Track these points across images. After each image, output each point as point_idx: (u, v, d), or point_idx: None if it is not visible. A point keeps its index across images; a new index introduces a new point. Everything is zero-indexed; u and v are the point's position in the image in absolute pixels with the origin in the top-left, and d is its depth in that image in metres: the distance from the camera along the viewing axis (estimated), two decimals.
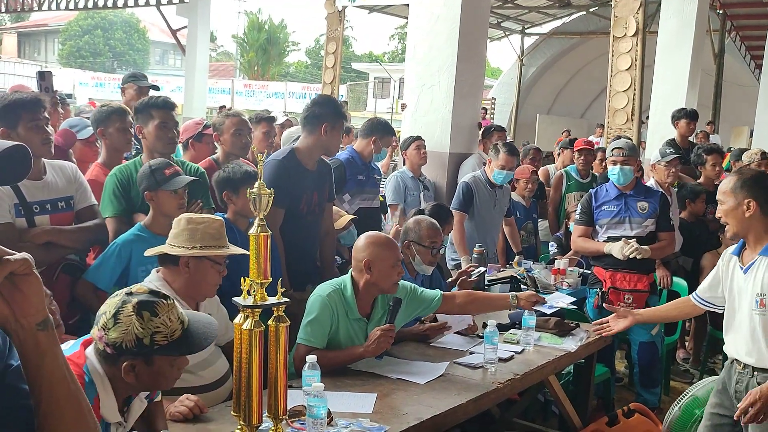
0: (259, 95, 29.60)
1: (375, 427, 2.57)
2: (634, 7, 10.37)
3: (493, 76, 32.66)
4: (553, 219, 6.70)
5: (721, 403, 3.30)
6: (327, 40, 17.02)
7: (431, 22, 6.54)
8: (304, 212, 3.98)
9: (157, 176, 3.38)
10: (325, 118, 4.02)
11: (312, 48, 50.49)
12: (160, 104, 3.78)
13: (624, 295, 4.66)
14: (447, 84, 6.46)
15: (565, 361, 3.74)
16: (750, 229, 3.14)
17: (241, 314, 2.35)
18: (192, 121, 4.93)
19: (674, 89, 10.73)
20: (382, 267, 3.21)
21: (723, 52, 15.70)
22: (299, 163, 4.04)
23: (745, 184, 3.14)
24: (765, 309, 3.04)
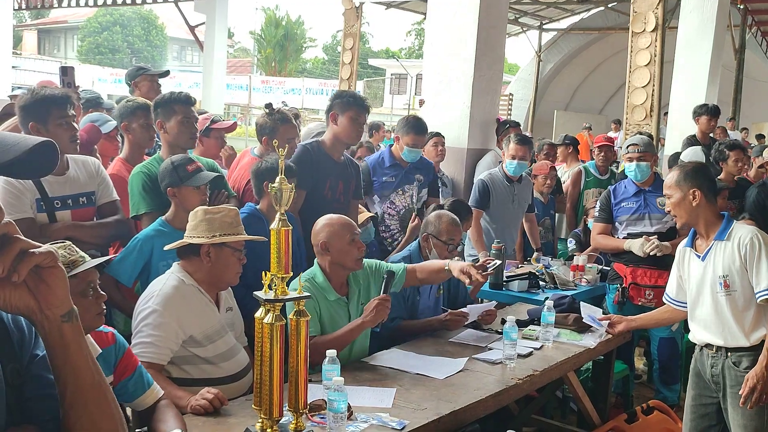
0: (276, 91, 29.63)
1: (395, 422, 2.57)
2: (654, 3, 10.29)
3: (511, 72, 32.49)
4: (571, 215, 6.67)
5: (701, 393, 3.40)
6: (344, 36, 17.02)
7: (449, 17, 6.52)
8: (328, 197, 4.04)
9: (180, 172, 3.41)
10: (332, 108, 4.21)
11: (329, 44, 50.54)
12: (183, 99, 3.80)
13: (645, 291, 4.64)
14: (465, 80, 6.44)
15: (584, 358, 3.73)
16: (699, 217, 3.30)
17: (262, 308, 2.36)
18: (201, 116, 4.93)
19: (694, 85, 10.65)
20: (340, 245, 3.26)
21: (744, 47, 15.54)
22: (325, 153, 4.15)
23: (688, 175, 3.32)
24: (729, 289, 3.18)
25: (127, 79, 5.24)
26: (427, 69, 6.85)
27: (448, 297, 4.13)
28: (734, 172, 5.85)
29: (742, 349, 3.20)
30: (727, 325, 3.22)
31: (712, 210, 3.32)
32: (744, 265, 3.16)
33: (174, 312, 2.81)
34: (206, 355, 2.88)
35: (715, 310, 3.25)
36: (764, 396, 3.08)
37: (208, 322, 2.91)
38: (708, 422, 3.39)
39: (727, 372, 3.24)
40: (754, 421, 3.16)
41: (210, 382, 2.81)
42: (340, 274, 3.36)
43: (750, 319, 3.18)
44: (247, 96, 30.03)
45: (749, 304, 3.17)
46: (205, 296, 2.94)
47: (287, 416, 2.45)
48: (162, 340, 2.77)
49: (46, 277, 1.18)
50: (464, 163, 6.39)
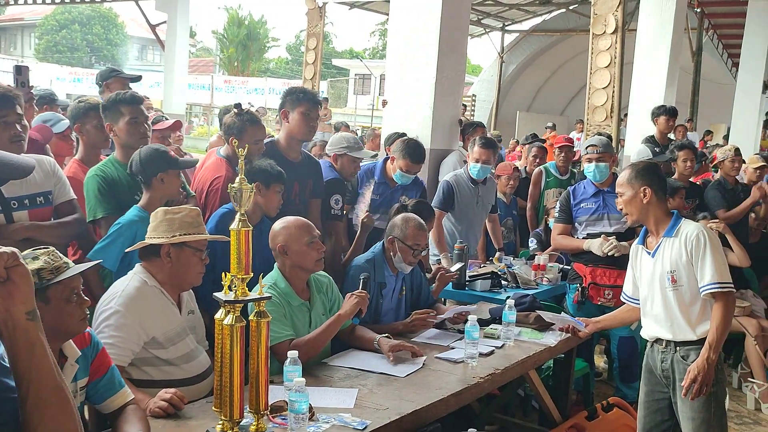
0: (239, 91, 29.42)
1: (357, 422, 2.57)
2: (613, 5, 10.45)
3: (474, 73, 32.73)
4: (532, 215, 6.74)
5: (653, 388, 3.48)
6: (307, 36, 16.99)
7: (412, 18, 6.54)
8: (284, 200, 3.98)
9: (167, 157, 3.46)
10: (284, 105, 4.19)
11: (292, 44, 50.35)
12: (128, 100, 3.75)
13: (604, 290, 4.70)
14: (428, 80, 6.47)
15: (545, 356, 3.76)
16: (649, 214, 3.39)
17: (222, 309, 2.35)
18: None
19: (653, 87, 10.83)
20: (297, 247, 3.25)
21: (701, 50, 15.84)
22: (280, 153, 4.07)
23: (639, 173, 3.41)
24: (677, 284, 3.27)
25: (99, 80, 5.16)
26: (390, 69, 6.87)
27: (411, 297, 4.14)
28: (684, 172, 5.97)
29: (689, 343, 3.29)
30: (675, 320, 3.31)
31: (662, 208, 3.41)
32: (690, 261, 3.24)
33: (136, 313, 2.78)
34: (168, 356, 2.85)
35: (665, 305, 3.34)
36: (705, 388, 3.17)
37: (169, 324, 2.89)
38: (661, 417, 3.46)
39: (676, 366, 3.32)
40: (701, 413, 3.24)
41: (171, 383, 2.78)
42: (301, 277, 3.34)
43: (696, 313, 3.27)
44: (209, 96, 29.76)
45: (695, 299, 3.26)
46: (167, 298, 2.91)
47: (248, 418, 2.44)
48: (124, 341, 2.73)
49: (12, 275, 1.20)
50: (427, 163, 6.41)
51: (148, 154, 3.47)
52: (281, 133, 4.27)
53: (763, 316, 5.65)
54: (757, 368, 5.31)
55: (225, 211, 3.62)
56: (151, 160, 3.44)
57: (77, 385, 2.41)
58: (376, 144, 9.39)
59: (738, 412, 5.20)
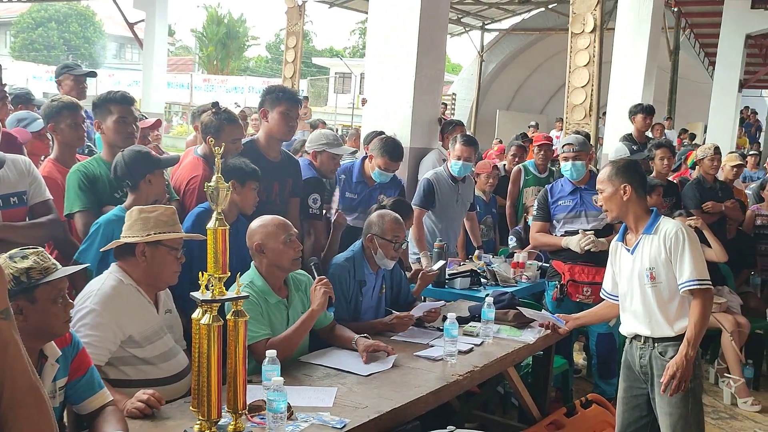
0: (218, 90, 29.29)
1: (335, 421, 2.57)
2: (592, 4, 10.50)
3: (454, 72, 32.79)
4: (511, 213, 6.77)
5: (631, 385, 3.51)
6: (287, 34, 16.93)
7: (391, 17, 6.54)
8: (263, 201, 3.97)
9: (152, 158, 3.46)
10: (263, 104, 4.16)
11: (272, 43, 50.19)
12: (118, 99, 3.77)
13: (583, 287, 4.73)
14: (407, 79, 6.48)
15: (524, 353, 3.78)
16: (629, 211, 3.41)
17: (199, 309, 2.34)
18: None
19: (631, 85, 10.93)
20: (274, 245, 3.25)
21: (678, 49, 15.99)
22: (259, 153, 4.06)
23: (620, 171, 3.42)
24: (655, 281, 3.30)
25: (54, 76, 5.14)
26: (369, 68, 6.86)
27: (391, 296, 4.14)
28: (661, 169, 6.02)
29: (667, 339, 3.31)
30: (653, 316, 3.33)
31: (642, 205, 3.43)
32: (669, 258, 3.27)
33: (113, 312, 2.76)
34: (145, 355, 2.83)
35: (643, 301, 3.36)
36: (683, 384, 3.21)
37: (147, 323, 2.87)
38: (639, 413, 3.49)
39: (654, 362, 3.35)
40: (679, 409, 3.27)
41: (148, 383, 2.76)
42: (278, 275, 3.34)
43: (674, 310, 3.30)
44: (188, 94, 29.60)
45: (674, 295, 3.29)
46: (144, 296, 2.90)
47: (226, 417, 2.43)
48: (100, 340, 2.71)
49: None
50: (407, 162, 6.41)
51: (132, 156, 3.45)
52: (260, 132, 4.24)
53: (739, 312, 5.71)
54: (733, 364, 5.36)
55: (201, 210, 3.60)
56: (136, 162, 3.44)
57: (56, 386, 2.39)
58: (357, 143, 9.40)
59: (715, 407, 5.26)
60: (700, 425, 3.34)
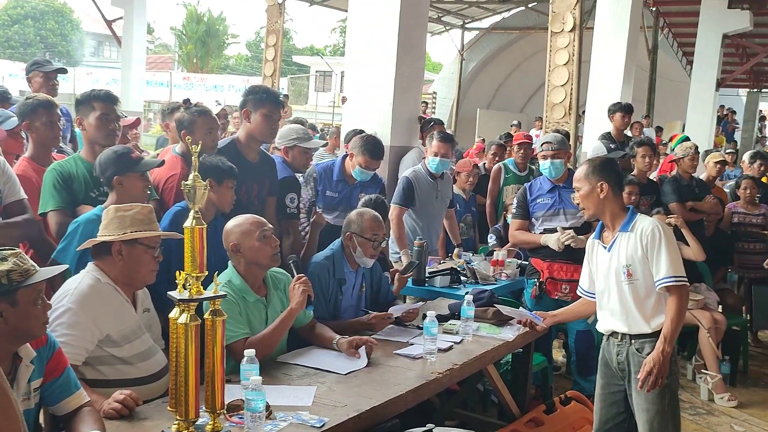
0: (198, 88, 29.14)
1: (314, 420, 2.56)
2: (571, 3, 10.55)
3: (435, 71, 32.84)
4: (491, 211, 6.79)
5: (609, 381, 3.53)
6: (267, 32, 16.88)
7: (371, 15, 6.53)
8: (244, 201, 3.95)
9: (125, 160, 3.39)
10: (245, 104, 4.12)
11: (252, 41, 49.97)
12: (101, 96, 3.75)
13: (561, 285, 4.75)
14: (387, 77, 6.47)
15: (503, 351, 3.79)
16: (605, 209, 3.43)
17: (176, 308, 2.32)
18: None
19: (610, 84, 10.99)
20: (250, 243, 3.24)
21: (656, 48, 16.12)
22: (239, 153, 4.04)
23: (596, 169, 3.44)
24: (632, 278, 3.32)
25: (25, 72, 5.09)
26: (349, 66, 6.85)
27: (371, 294, 4.14)
28: (644, 168, 6.07)
29: (644, 336, 3.34)
30: (630, 313, 3.36)
31: (618, 203, 3.45)
32: (645, 255, 3.29)
33: (90, 311, 2.73)
34: (122, 355, 2.81)
35: (620, 298, 3.38)
36: (660, 380, 3.23)
37: (124, 322, 2.84)
38: (616, 410, 3.51)
39: (632, 358, 3.37)
40: (655, 405, 3.30)
41: (126, 382, 2.74)
42: (257, 273, 3.32)
43: (651, 307, 3.32)
44: (168, 93, 29.38)
45: (650, 292, 3.31)
46: (121, 295, 2.87)
47: (204, 417, 2.41)
48: (77, 339, 2.68)
49: None
50: (387, 160, 6.41)
51: (105, 156, 3.43)
52: (241, 132, 4.21)
53: (716, 309, 5.77)
54: (710, 360, 5.41)
55: (179, 209, 3.58)
56: (108, 163, 3.40)
57: (31, 387, 2.37)
58: (338, 141, 9.36)
59: (692, 403, 5.31)
60: (676, 421, 3.37)
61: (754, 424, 4.99)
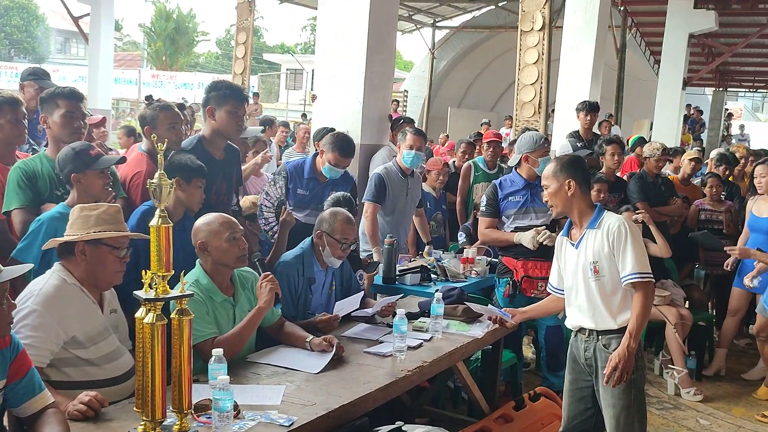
0: (167, 86, 28.88)
1: (283, 419, 2.55)
2: (541, 3, 10.62)
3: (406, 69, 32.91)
4: (461, 209, 6.82)
5: (576, 377, 3.57)
6: (237, 30, 16.78)
7: (341, 13, 6.51)
8: (213, 202, 3.91)
9: (83, 157, 3.35)
10: (208, 101, 4.06)
11: (222, 38, 49.62)
12: (66, 94, 3.71)
13: (537, 283, 4.77)
14: (357, 75, 6.46)
15: (473, 347, 3.81)
16: (573, 206, 3.46)
17: (142, 308, 2.30)
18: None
19: (578, 83, 11.09)
20: (218, 244, 3.22)
21: (625, 47, 16.26)
22: (206, 151, 3.99)
23: (564, 167, 3.46)
24: (599, 275, 3.35)
25: (20, 78, 5.04)
26: (319, 64, 6.83)
27: (341, 292, 4.13)
28: (611, 165, 6.14)
29: (610, 332, 3.37)
30: (597, 309, 3.39)
31: (586, 200, 3.48)
32: (612, 252, 3.32)
33: (55, 312, 2.69)
34: (89, 356, 2.77)
35: (587, 295, 3.41)
36: (626, 375, 3.27)
37: (90, 323, 2.81)
38: (584, 405, 3.54)
39: (598, 354, 3.40)
40: (621, 399, 3.33)
41: (92, 384, 2.71)
42: (223, 273, 3.30)
43: (617, 303, 3.36)
44: (136, 91, 29.08)
45: (617, 289, 3.35)
46: (87, 296, 2.83)
47: (171, 417, 2.39)
48: (41, 341, 2.64)
49: None
50: (357, 159, 6.40)
51: (63, 154, 3.39)
52: (205, 129, 4.15)
53: (683, 304, 5.85)
54: (676, 355, 5.49)
55: (146, 207, 3.54)
56: (66, 160, 3.37)
57: None
58: (273, 132, 9.31)
59: (659, 398, 5.38)
60: (642, 416, 3.41)
61: (719, 418, 5.07)
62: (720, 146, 18.30)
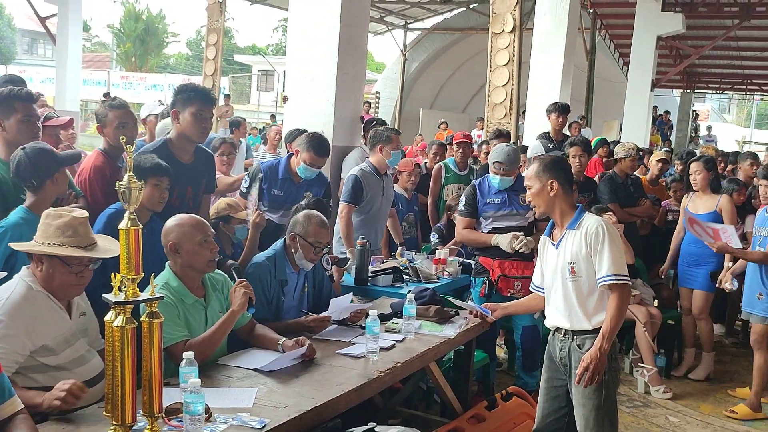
0: (137, 87, 28.59)
1: (255, 421, 2.54)
2: (511, 4, 10.71)
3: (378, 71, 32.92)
4: (433, 210, 6.84)
5: (552, 375, 3.60)
6: (207, 31, 16.69)
7: (312, 14, 6.50)
8: (176, 206, 3.85)
9: (56, 156, 3.34)
10: (174, 104, 4.02)
11: (193, 39, 49.25)
12: (23, 97, 3.64)
13: (514, 282, 4.81)
14: (328, 77, 6.45)
15: (445, 348, 3.82)
16: (555, 207, 3.47)
17: (112, 311, 2.27)
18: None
19: (549, 84, 11.18)
20: (189, 246, 3.19)
21: (594, 49, 16.45)
22: (171, 155, 3.94)
23: (547, 167, 3.47)
24: (576, 276, 3.38)
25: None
26: (291, 65, 6.81)
27: (313, 294, 4.12)
28: (574, 167, 6.19)
29: (585, 332, 3.40)
30: (573, 309, 3.41)
31: (568, 201, 3.49)
32: (589, 253, 3.34)
33: (21, 322, 2.64)
34: (57, 362, 2.73)
35: (564, 294, 3.43)
36: (597, 376, 3.29)
37: (58, 330, 2.75)
38: (558, 404, 3.57)
39: (573, 354, 3.43)
40: (592, 399, 3.36)
41: None
42: (193, 276, 3.27)
43: (593, 304, 3.38)
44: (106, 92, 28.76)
45: (593, 290, 3.37)
46: (54, 303, 2.76)
47: (142, 421, 2.37)
48: (7, 352, 2.59)
49: None
50: (330, 160, 6.39)
51: (38, 154, 3.32)
52: (172, 132, 4.09)
53: (652, 303, 5.92)
54: (646, 354, 5.56)
55: (113, 210, 3.49)
56: (44, 160, 3.31)
57: None
58: (242, 133, 9.25)
59: (629, 396, 5.44)
60: (613, 416, 3.43)
61: (688, 415, 5.14)
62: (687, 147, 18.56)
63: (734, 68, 22.30)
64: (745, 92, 27.75)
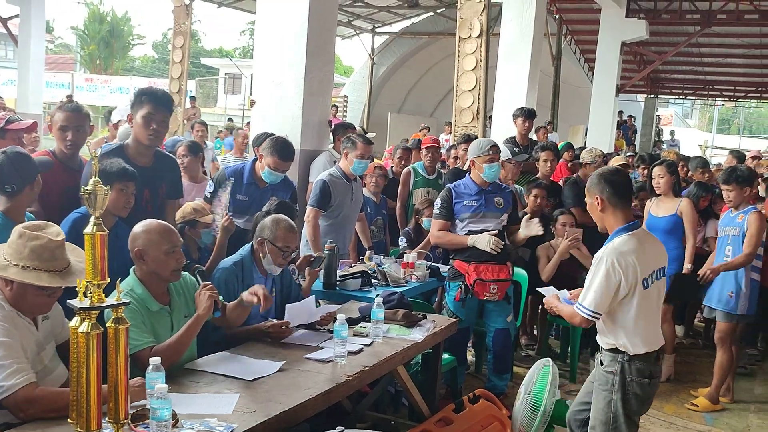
0: (102, 90, 28.28)
1: (223, 426, 2.53)
2: (479, 10, 10.77)
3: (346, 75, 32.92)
4: (401, 214, 6.86)
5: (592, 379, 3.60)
6: (174, 34, 16.55)
7: (279, 17, 6.49)
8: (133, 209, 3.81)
9: (34, 161, 3.35)
10: (130, 109, 3.99)
11: (159, 42, 48.82)
12: None
13: (490, 285, 4.85)
14: (296, 81, 6.45)
15: (413, 351, 3.83)
16: (605, 222, 3.42)
17: (77, 317, 2.25)
18: None
19: (515, 89, 11.29)
20: (156, 254, 3.16)
21: (560, 54, 16.63)
22: (127, 158, 3.89)
23: (592, 181, 3.42)
24: None
25: None
26: (258, 69, 6.80)
27: (281, 299, 4.11)
28: (545, 171, 6.28)
29: (604, 350, 3.42)
30: (599, 326, 3.41)
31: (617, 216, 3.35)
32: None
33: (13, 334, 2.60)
34: None
35: None
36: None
37: (29, 345, 2.70)
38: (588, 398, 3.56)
39: (597, 368, 3.46)
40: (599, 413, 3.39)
41: None
42: (158, 284, 3.24)
43: (602, 325, 3.37)
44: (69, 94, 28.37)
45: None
46: (23, 319, 2.70)
47: (108, 428, 2.34)
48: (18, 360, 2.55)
49: None
50: (297, 164, 6.38)
51: (20, 160, 3.28)
52: (131, 136, 4.05)
53: None
54: None
55: (78, 215, 3.45)
56: (25, 166, 3.27)
57: None
58: (245, 144, 9.20)
59: None
60: None
61: (652, 416, 5.20)
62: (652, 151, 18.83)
63: (696, 74, 22.73)
64: (707, 98, 28.27)
